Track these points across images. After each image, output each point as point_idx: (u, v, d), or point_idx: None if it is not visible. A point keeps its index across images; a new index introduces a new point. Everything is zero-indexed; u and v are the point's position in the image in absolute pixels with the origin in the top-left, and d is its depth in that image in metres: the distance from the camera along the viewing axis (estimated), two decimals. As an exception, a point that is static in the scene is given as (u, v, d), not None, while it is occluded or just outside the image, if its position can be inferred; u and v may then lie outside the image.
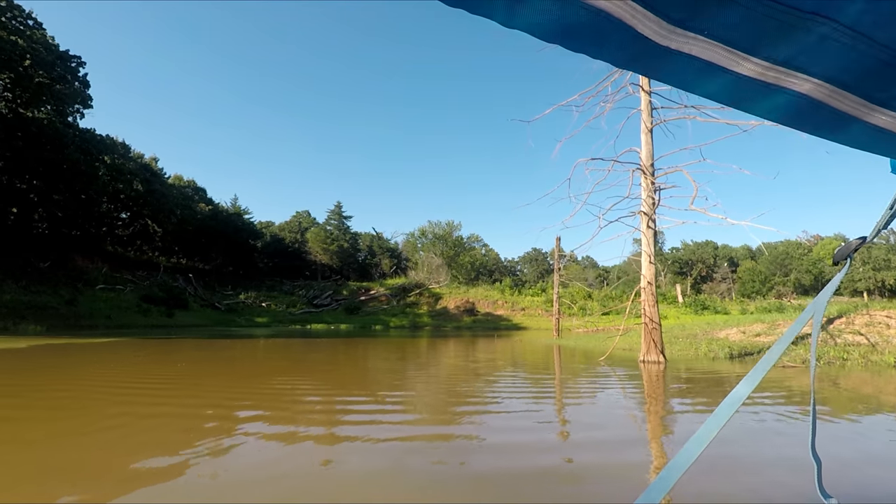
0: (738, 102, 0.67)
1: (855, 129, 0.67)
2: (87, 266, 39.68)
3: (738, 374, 8.23)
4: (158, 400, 5.81)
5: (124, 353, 12.27)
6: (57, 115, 32.34)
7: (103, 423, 4.60)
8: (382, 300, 53.50)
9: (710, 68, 0.59)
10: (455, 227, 70.57)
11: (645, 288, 10.17)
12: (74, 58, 32.97)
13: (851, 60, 0.57)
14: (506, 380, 8.04)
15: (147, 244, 52.42)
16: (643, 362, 10.06)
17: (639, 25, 0.54)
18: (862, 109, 0.64)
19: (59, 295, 32.51)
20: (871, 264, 70.17)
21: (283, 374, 8.55)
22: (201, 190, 60.66)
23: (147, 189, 45.43)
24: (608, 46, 0.58)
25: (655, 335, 9.93)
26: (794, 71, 0.59)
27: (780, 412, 5.26)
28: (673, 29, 0.55)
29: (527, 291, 55.27)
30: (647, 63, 0.60)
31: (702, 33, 0.55)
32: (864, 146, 0.71)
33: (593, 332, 32.81)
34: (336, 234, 68.12)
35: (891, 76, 0.59)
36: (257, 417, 4.91)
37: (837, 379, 7.85)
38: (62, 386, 6.87)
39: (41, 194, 33.26)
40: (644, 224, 10.06)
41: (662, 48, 0.57)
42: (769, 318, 14.91)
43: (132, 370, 8.71)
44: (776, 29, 0.53)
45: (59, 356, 11.25)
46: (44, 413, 5.02)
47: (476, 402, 6.01)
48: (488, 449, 3.83)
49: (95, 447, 3.81)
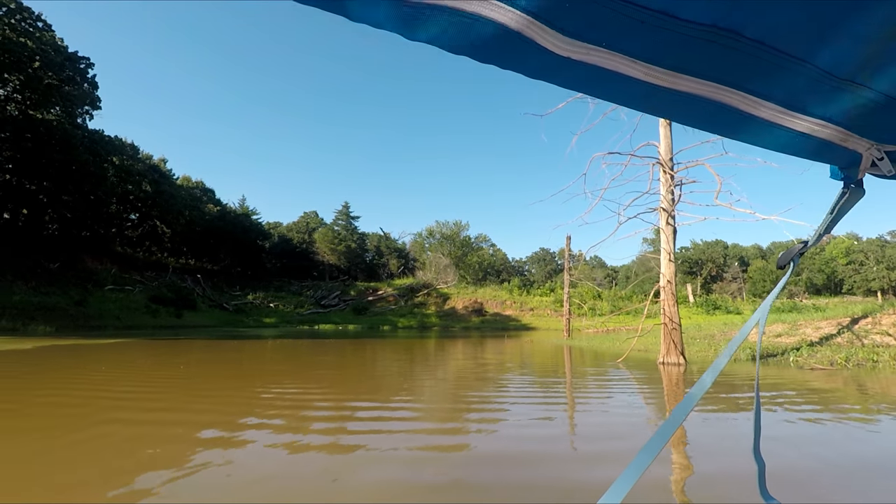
0: (653, 110, 0.69)
1: (753, 126, 0.70)
2: (97, 267, 39.90)
3: (761, 377, 7.84)
4: (153, 405, 5.54)
5: (129, 355, 12.10)
6: (66, 117, 32.47)
7: (80, 435, 4.33)
8: (390, 300, 53.34)
9: (616, 77, 0.61)
10: (463, 227, 70.28)
11: (664, 287, 9.78)
12: (83, 59, 33.12)
13: (727, 59, 0.59)
14: (518, 384, 7.70)
15: (156, 245, 52.67)
16: (662, 364, 9.67)
17: (539, 39, 0.55)
18: (752, 105, 0.66)
19: (68, 296, 32.66)
20: (884, 263, 68.88)
21: (289, 378, 8.28)
22: (209, 191, 60.91)
23: (156, 190, 45.62)
24: (514, 59, 0.60)
25: (675, 336, 9.53)
26: (683, 74, 0.62)
27: (812, 416, 4.90)
28: (572, 41, 0.56)
29: (535, 292, 54.80)
30: (556, 74, 0.62)
31: (600, 45, 0.57)
32: (765, 143, 0.74)
33: (604, 333, 32.34)
34: (344, 235, 68.11)
35: (765, 69, 0.61)
36: (259, 426, 4.64)
37: (867, 382, 7.42)
38: (57, 389, 6.60)
39: (50, 195, 33.43)
40: (663, 221, 9.66)
41: (564, 59, 0.59)
42: (789, 318, 14.42)
43: (132, 373, 8.44)
44: (645, 32, 0.55)
45: (63, 357, 11.09)
46: (24, 421, 4.78)
47: (488, 408, 5.70)
48: (500, 460, 3.52)
49: (58, 463, 3.55)
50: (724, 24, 0.54)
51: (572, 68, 0.60)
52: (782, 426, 4.58)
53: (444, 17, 0.53)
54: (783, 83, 0.63)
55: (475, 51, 0.57)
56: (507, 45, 0.56)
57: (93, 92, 34.33)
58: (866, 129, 0.73)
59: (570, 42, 0.56)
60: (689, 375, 8.26)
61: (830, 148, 0.76)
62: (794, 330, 11.93)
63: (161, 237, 51.54)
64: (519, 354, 13.80)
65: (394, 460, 3.53)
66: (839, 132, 0.73)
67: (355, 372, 9.47)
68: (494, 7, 0.52)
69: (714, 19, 0.54)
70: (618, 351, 14.50)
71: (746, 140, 0.75)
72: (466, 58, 0.58)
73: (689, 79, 0.62)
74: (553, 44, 0.56)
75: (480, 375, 8.61)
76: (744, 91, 0.65)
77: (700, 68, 0.61)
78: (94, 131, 35.34)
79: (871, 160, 0.77)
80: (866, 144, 0.76)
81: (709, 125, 0.72)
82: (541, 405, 5.82)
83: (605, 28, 0.55)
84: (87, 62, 33.36)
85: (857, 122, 0.72)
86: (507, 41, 0.55)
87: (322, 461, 3.48)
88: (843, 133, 0.73)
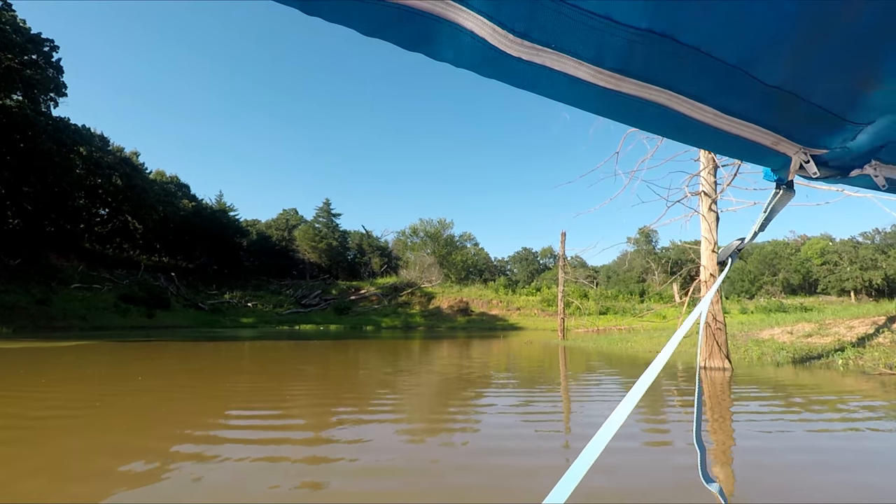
0: (605, 112, 0.71)
1: (693, 129, 0.73)
2: (62, 264, 37.65)
3: (814, 385, 7.07)
4: (58, 449, 3.93)
5: (85, 361, 10.73)
6: (28, 103, 30.33)
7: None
8: (373, 300, 52.04)
9: (566, 78, 0.63)
10: (447, 225, 69.30)
11: (706, 282, 8.94)
12: (47, 41, 31.00)
13: (665, 63, 0.61)
14: (540, 399, 6.69)
15: (127, 242, 50.26)
16: (704, 369, 8.82)
17: (490, 38, 0.57)
18: (691, 109, 0.69)
19: (30, 294, 30.56)
20: (858, 264, 70.37)
21: (267, 396, 7.19)
22: (185, 186, 58.58)
23: (127, 184, 43.41)
24: (468, 59, 0.61)
25: (720, 337, 8.69)
26: (626, 77, 0.64)
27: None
28: (521, 42, 0.58)
29: (521, 291, 54.26)
30: (509, 74, 0.63)
31: (549, 46, 0.58)
32: (706, 145, 0.79)
33: (595, 333, 31.81)
34: (325, 232, 66.44)
35: (700, 74, 0.64)
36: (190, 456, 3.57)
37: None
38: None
39: (10, 187, 31.20)
40: (705, 206, 8.84)
41: (515, 59, 0.60)
42: (789, 319, 13.94)
43: (70, 388, 6.93)
44: (588, 34, 0.57)
45: (3, 365, 9.72)
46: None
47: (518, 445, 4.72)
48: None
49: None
50: (658, 29, 0.56)
51: (524, 69, 0.61)
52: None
53: (402, 16, 0.54)
54: (718, 88, 0.66)
55: (431, 50, 0.59)
56: (461, 45, 0.58)
57: (58, 77, 32.21)
58: (794, 134, 0.78)
59: (520, 42, 0.57)
60: (737, 383, 7.40)
61: (763, 151, 0.80)
62: (823, 329, 11.27)
63: (133, 233, 49.19)
64: (525, 359, 12.86)
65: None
66: (771, 136, 0.77)
67: (346, 383, 8.42)
68: (449, 7, 0.54)
69: (650, 24, 0.55)
70: (624, 352, 13.74)
71: (690, 142, 0.78)
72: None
73: (633, 81, 0.64)
74: (504, 44, 0.57)
75: (527, 399, 7.47)
76: (683, 95, 0.67)
77: (641, 71, 0.63)
78: (58, 119, 33.20)
79: (798, 163, 0.82)
80: (795, 148, 0.80)
81: (656, 128, 0.74)
82: (574, 422, 4.88)
83: (551, 30, 0.56)
84: (52, 45, 31.21)
85: (786, 127, 0.76)
86: (459, 40, 0.57)
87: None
88: (775, 137, 0.77)
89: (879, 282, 67.34)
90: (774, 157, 0.82)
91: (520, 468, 3.31)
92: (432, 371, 9.20)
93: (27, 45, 29.51)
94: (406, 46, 0.58)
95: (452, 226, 70.45)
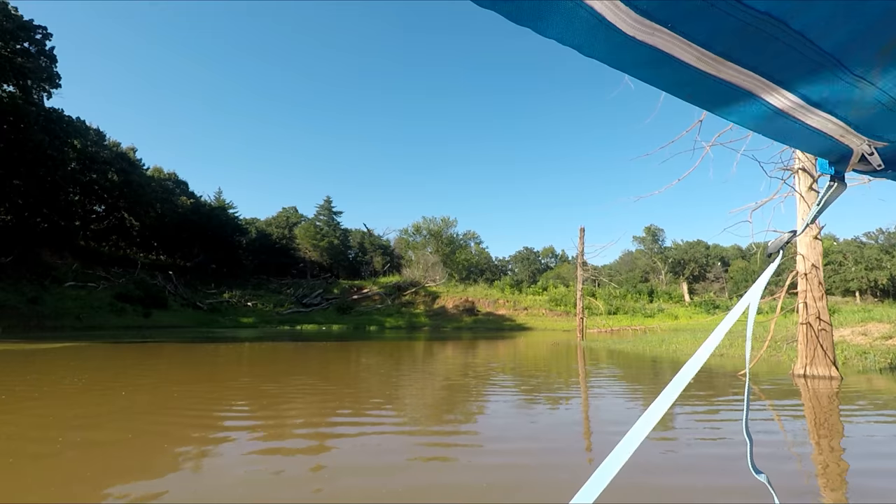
0: (691, 97, 0.71)
1: (777, 119, 0.73)
2: (56, 262, 36.36)
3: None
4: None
5: (68, 367, 9.43)
6: (19, 92, 29.02)
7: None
8: (376, 299, 50.83)
9: (670, 60, 0.63)
10: (451, 223, 68.08)
11: (808, 274, 7.67)
12: (40, 28, 29.69)
13: (768, 49, 0.61)
14: (614, 429, 5.52)
15: (124, 239, 48.92)
16: (804, 377, 7.67)
17: (610, 16, 0.55)
18: (779, 98, 0.69)
19: (21, 293, 29.30)
20: (863, 264, 69.46)
21: (264, 413, 6.01)
22: (183, 183, 57.25)
23: (123, 180, 42.11)
24: (579, 35, 0.59)
25: (825, 340, 7.45)
26: (728, 62, 0.64)
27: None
28: (641, 20, 0.57)
29: (528, 290, 53.08)
30: (615, 54, 0.63)
31: (666, 25, 0.58)
32: (778, 136, 0.78)
33: (609, 333, 30.73)
34: (326, 231, 65.19)
35: (798, 62, 0.64)
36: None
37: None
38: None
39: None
40: (804, 185, 7.73)
41: (629, 38, 0.59)
42: (883, 317, 12.94)
43: (31, 408, 5.45)
44: (709, 15, 0.56)
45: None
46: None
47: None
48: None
49: None
50: (776, 13, 0.56)
51: (634, 49, 0.61)
52: None
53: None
54: (807, 75, 0.66)
55: (542, 26, 0.57)
56: (576, 20, 0.56)
57: (51, 66, 30.86)
58: (863, 126, 0.76)
59: (640, 21, 0.56)
60: (847, 394, 6.17)
61: (829, 142, 0.78)
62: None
63: (129, 231, 47.84)
64: (566, 364, 11.70)
65: None
66: (841, 127, 0.76)
67: (357, 394, 7.25)
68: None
69: (768, 7, 0.56)
70: (663, 353, 12.66)
71: (766, 133, 0.77)
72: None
73: (733, 66, 0.64)
74: (624, 21, 0.56)
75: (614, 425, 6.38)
76: (774, 82, 0.67)
77: (742, 55, 0.63)
78: (51, 110, 31.90)
79: (860, 155, 0.80)
80: (859, 140, 0.78)
81: (737, 116, 0.74)
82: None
83: (673, 7, 0.55)
84: (45, 32, 29.89)
85: (859, 119, 0.74)
86: (575, 15, 0.55)
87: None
88: (844, 128, 0.76)
89: (885, 282, 66.47)
90: (837, 149, 0.80)
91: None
92: (522, 383, 8.01)
93: (18, 32, 28.20)
94: (517, 20, 0.56)
95: (456, 224, 69.31)
